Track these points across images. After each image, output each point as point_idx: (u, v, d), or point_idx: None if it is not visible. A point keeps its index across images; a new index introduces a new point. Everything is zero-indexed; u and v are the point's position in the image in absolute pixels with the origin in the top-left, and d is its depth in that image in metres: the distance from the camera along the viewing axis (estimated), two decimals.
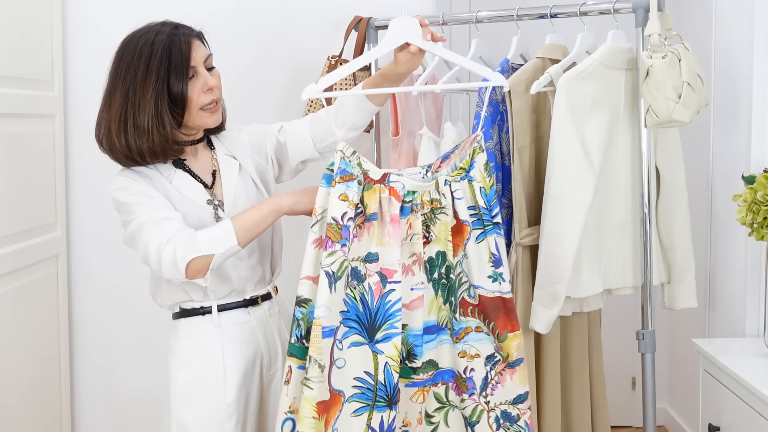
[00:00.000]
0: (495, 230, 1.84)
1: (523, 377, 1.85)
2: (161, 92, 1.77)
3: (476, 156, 1.83)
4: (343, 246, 1.73)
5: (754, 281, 2.39)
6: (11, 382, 2.54)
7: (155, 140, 1.79)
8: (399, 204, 1.77)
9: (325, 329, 1.72)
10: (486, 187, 1.83)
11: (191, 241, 1.73)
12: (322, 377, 1.72)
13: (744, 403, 2.02)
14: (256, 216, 1.78)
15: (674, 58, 2.08)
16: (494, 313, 1.82)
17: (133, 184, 1.81)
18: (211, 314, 1.89)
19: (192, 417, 1.86)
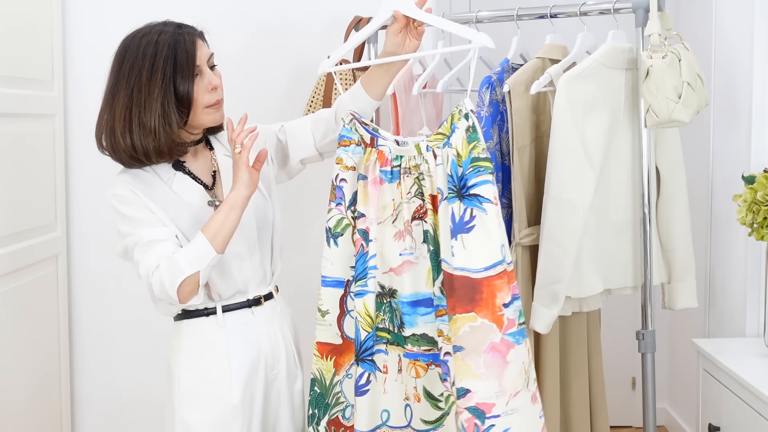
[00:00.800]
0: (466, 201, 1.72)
1: (463, 369, 1.70)
2: (168, 92, 1.77)
3: (456, 121, 1.76)
4: (338, 205, 1.89)
5: (754, 281, 2.39)
6: (11, 382, 2.54)
7: (161, 140, 1.79)
8: (379, 167, 1.83)
9: (326, 279, 1.91)
10: (463, 154, 1.74)
11: (173, 266, 1.75)
12: (322, 321, 1.92)
13: (744, 403, 2.02)
14: (221, 218, 1.78)
15: (674, 58, 2.08)
16: (448, 291, 1.74)
17: (130, 194, 1.82)
18: (215, 315, 1.89)
19: (197, 418, 1.85)
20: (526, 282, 2.28)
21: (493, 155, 2.25)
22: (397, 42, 1.89)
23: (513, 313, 1.73)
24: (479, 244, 1.72)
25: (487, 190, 1.72)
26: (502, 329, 1.70)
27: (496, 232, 1.72)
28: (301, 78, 2.92)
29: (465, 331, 1.70)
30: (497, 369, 1.70)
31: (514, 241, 2.27)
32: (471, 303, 1.70)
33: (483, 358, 1.69)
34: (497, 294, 1.70)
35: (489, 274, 1.70)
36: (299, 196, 2.77)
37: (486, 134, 2.24)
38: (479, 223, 1.71)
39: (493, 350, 1.69)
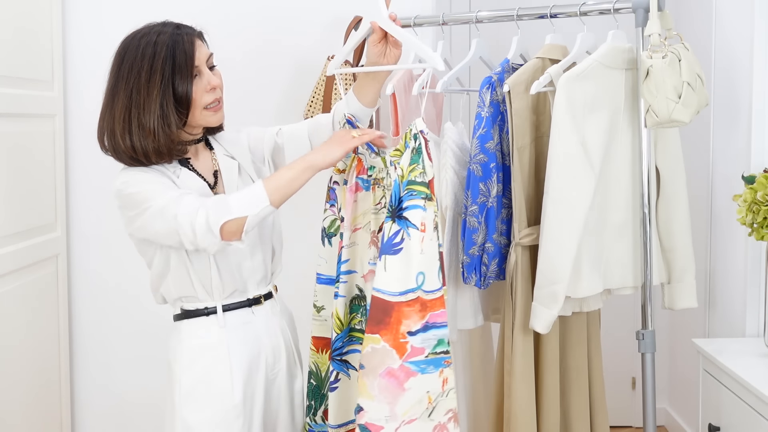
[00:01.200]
0: (399, 222, 1.70)
1: (361, 387, 1.71)
2: (166, 92, 1.77)
3: (408, 140, 1.76)
4: (332, 206, 1.95)
5: (754, 281, 2.39)
6: (11, 381, 2.54)
7: (161, 140, 1.78)
8: (356, 175, 1.88)
9: (320, 276, 1.98)
10: (404, 175, 1.73)
11: (222, 204, 1.72)
12: (318, 317, 2.00)
13: (744, 403, 2.02)
14: (289, 175, 1.77)
15: (674, 58, 2.08)
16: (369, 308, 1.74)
17: (141, 174, 1.81)
18: (216, 315, 1.89)
19: (198, 418, 1.85)
20: (525, 282, 2.28)
21: (494, 155, 2.25)
22: (377, 51, 1.92)
23: (422, 342, 1.72)
24: (398, 268, 1.71)
25: (415, 215, 1.71)
26: (402, 356, 1.70)
27: (416, 259, 1.70)
28: (301, 78, 2.92)
29: (367, 351, 1.71)
30: (390, 394, 1.70)
31: (514, 241, 2.27)
32: (378, 325, 1.71)
33: (378, 380, 1.70)
34: (404, 321, 1.70)
35: (400, 300, 1.70)
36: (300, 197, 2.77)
37: (486, 134, 2.24)
38: (405, 246, 1.71)
39: (389, 375, 1.70)
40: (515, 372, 2.27)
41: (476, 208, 2.24)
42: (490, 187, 2.24)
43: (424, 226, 1.71)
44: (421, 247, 1.71)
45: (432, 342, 1.73)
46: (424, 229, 1.71)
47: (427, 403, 1.73)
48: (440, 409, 1.76)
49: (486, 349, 2.62)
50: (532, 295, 2.23)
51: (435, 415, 1.75)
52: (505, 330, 2.31)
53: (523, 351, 2.27)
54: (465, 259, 2.26)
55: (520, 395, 2.26)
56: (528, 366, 2.28)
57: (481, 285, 2.29)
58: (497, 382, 2.39)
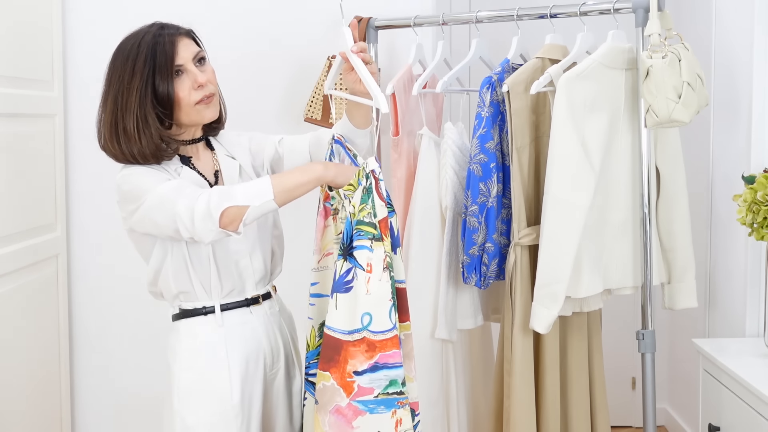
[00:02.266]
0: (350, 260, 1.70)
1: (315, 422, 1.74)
2: (145, 94, 1.77)
3: (361, 177, 1.74)
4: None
5: (754, 281, 2.39)
6: (11, 381, 2.54)
7: (143, 143, 1.78)
8: (323, 199, 1.87)
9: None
10: (355, 213, 1.72)
11: (226, 191, 1.72)
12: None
13: (744, 403, 2.02)
14: (298, 179, 1.75)
15: (674, 58, 2.08)
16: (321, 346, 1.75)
17: (141, 168, 1.81)
18: (214, 314, 1.89)
19: (197, 418, 1.86)
20: (525, 282, 2.28)
21: (494, 155, 2.25)
22: (352, 79, 1.91)
23: (370, 382, 1.70)
24: (347, 307, 1.71)
25: (362, 256, 1.70)
26: (349, 395, 1.70)
27: (361, 299, 1.70)
28: (301, 79, 2.92)
29: (320, 387, 1.72)
30: (340, 431, 1.71)
31: (514, 241, 2.27)
32: (328, 363, 1.71)
33: (328, 417, 1.71)
34: (350, 360, 1.70)
35: (347, 339, 1.70)
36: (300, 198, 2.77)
37: (486, 134, 2.24)
38: (355, 285, 1.71)
39: (338, 413, 1.71)
40: (515, 372, 2.27)
41: (476, 208, 2.24)
42: (490, 187, 2.24)
43: (371, 266, 1.69)
44: (367, 288, 1.69)
45: (383, 382, 1.71)
46: (371, 269, 1.70)
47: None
48: None
49: (486, 349, 2.62)
50: (532, 295, 2.23)
51: None
52: (505, 330, 2.31)
53: (523, 351, 2.27)
54: (465, 259, 2.26)
55: (520, 395, 2.26)
56: (528, 366, 2.28)
57: (481, 285, 2.29)
58: (497, 382, 2.39)
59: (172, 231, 1.75)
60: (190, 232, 1.72)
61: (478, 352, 2.59)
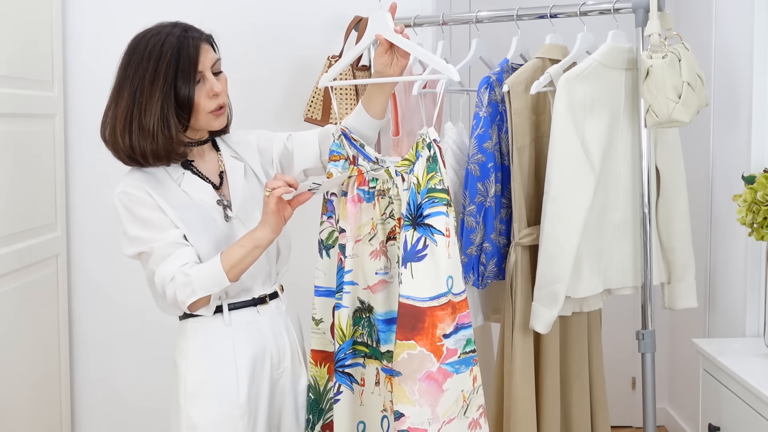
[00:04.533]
0: (420, 230, 1.75)
1: (399, 393, 1.74)
2: (168, 95, 1.78)
3: (420, 149, 1.79)
4: (329, 218, 1.94)
5: (754, 281, 2.39)
6: (11, 381, 2.55)
7: (159, 143, 1.80)
8: (357, 186, 1.88)
9: (319, 288, 1.97)
10: (422, 183, 1.77)
11: (188, 285, 1.79)
12: (317, 329, 1.98)
13: (744, 403, 2.02)
14: (242, 253, 1.81)
15: (674, 58, 2.08)
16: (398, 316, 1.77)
17: (142, 194, 1.83)
18: (222, 314, 1.90)
19: (203, 417, 1.86)
20: (525, 282, 2.28)
21: (492, 155, 2.25)
22: (384, 62, 1.92)
23: (455, 343, 1.76)
24: (426, 274, 1.75)
25: (439, 222, 1.75)
26: (439, 359, 1.75)
27: (444, 264, 1.75)
28: (301, 78, 2.92)
29: (403, 357, 1.74)
30: (431, 397, 1.74)
31: (514, 241, 2.27)
32: (412, 331, 1.74)
33: (418, 385, 1.74)
34: (438, 325, 1.74)
35: (432, 305, 1.74)
36: None
37: (484, 134, 2.24)
38: (430, 253, 1.75)
39: (429, 378, 1.74)
40: (515, 372, 2.27)
41: (474, 207, 2.24)
42: (488, 186, 2.24)
43: (449, 231, 1.76)
44: (448, 252, 1.75)
45: (462, 342, 1.78)
46: (449, 234, 1.76)
47: (462, 401, 1.79)
48: (473, 406, 1.82)
49: (486, 349, 2.62)
50: (532, 295, 2.23)
51: (469, 413, 1.81)
52: (505, 330, 2.31)
53: (523, 351, 2.27)
54: (463, 259, 2.26)
55: (520, 395, 2.26)
56: (528, 366, 2.28)
57: (479, 285, 2.29)
58: (497, 382, 2.39)
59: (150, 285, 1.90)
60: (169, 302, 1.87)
61: (478, 352, 2.58)
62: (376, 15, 1.90)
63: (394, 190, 1.84)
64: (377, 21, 1.89)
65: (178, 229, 1.84)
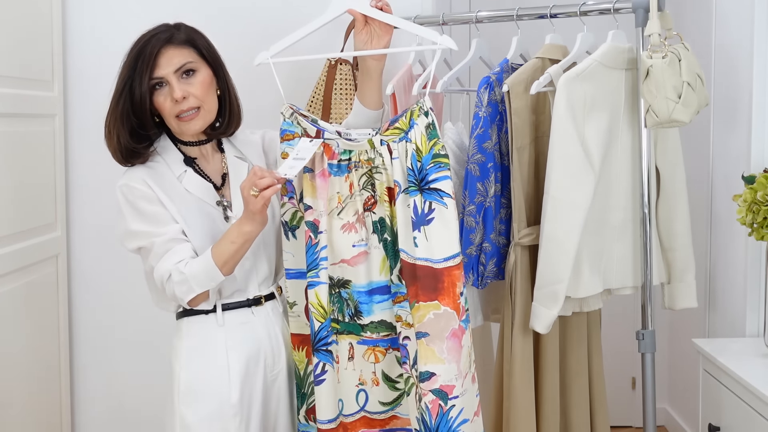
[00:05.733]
0: (426, 195, 1.81)
1: (427, 354, 1.80)
2: (121, 96, 1.83)
3: (416, 118, 1.82)
4: (290, 198, 1.94)
5: (754, 281, 2.39)
6: (11, 381, 2.54)
7: (121, 142, 1.85)
8: (327, 159, 1.88)
9: (289, 271, 1.96)
10: (423, 150, 1.81)
11: (184, 283, 1.81)
12: (292, 313, 1.98)
13: (744, 403, 2.02)
14: (232, 248, 1.81)
15: (674, 58, 2.08)
16: (409, 279, 1.82)
17: (144, 188, 1.85)
18: (215, 313, 1.90)
19: (196, 416, 1.86)
20: (525, 282, 2.28)
21: (492, 155, 2.25)
22: (363, 39, 1.92)
23: (465, 301, 1.86)
24: (440, 236, 1.81)
25: (447, 185, 1.82)
26: (460, 316, 1.83)
27: (453, 225, 1.82)
28: (301, 78, 2.92)
29: (429, 318, 1.80)
30: (456, 353, 1.82)
31: (513, 240, 2.26)
32: (434, 292, 1.80)
33: (446, 343, 1.81)
34: (457, 283, 1.82)
35: (449, 264, 1.81)
36: None
37: (484, 134, 2.24)
38: (438, 216, 1.81)
39: (454, 336, 1.82)
40: (515, 372, 2.27)
41: (474, 207, 2.24)
42: (488, 186, 2.24)
43: (453, 194, 1.84)
44: (456, 214, 1.84)
45: (464, 299, 1.86)
46: (453, 197, 1.84)
47: (469, 357, 1.87)
48: (472, 360, 1.90)
49: (486, 349, 2.62)
50: (532, 295, 2.23)
51: (472, 367, 1.89)
52: (505, 330, 2.31)
53: (523, 351, 2.27)
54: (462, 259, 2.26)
55: (520, 395, 2.26)
56: (528, 366, 2.28)
57: (478, 285, 2.29)
58: (497, 382, 2.39)
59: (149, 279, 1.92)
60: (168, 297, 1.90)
61: (478, 352, 2.58)
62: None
63: (379, 159, 1.85)
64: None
65: (177, 224, 1.85)
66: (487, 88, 2.25)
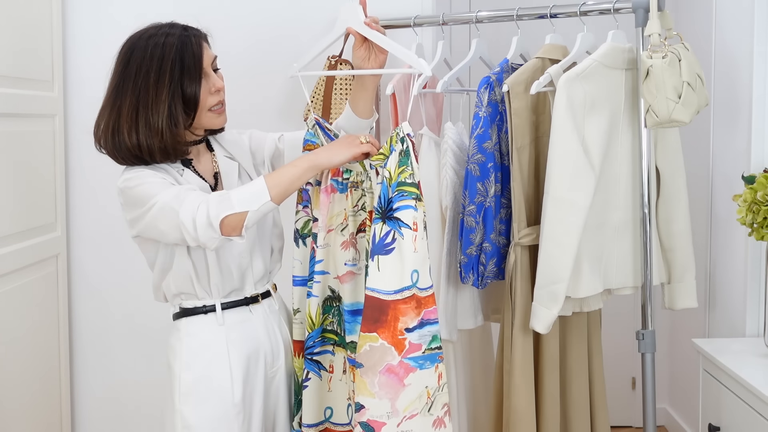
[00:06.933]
0: (389, 223, 1.74)
1: (360, 385, 1.75)
2: (175, 93, 1.79)
3: (394, 143, 1.78)
4: (305, 207, 1.96)
5: (754, 281, 2.39)
6: (11, 382, 2.55)
7: (167, 140, 1.80)
8: (330, 177, 1.89)
9: (296, 278, 1.99)
10: (393, 177, 1.76)
11: (224, 199, 1.72)
12: (296, 320, 1.99)
13: (744, 403, 2.02)
14: (292, 172, 1.76)
15: (674, 58, 2.08)
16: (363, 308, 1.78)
17: (143, 170, 1.82)
18: (215, 313, 1.90)
19: (198, 417, 1.86)
20: (525, 282, 2.28)
21: (492, 155, 2.25)
22: (361, 56, 1.93)
23: (419, 338, 1.76)
24: (392, 267, 1.75)
25: (407, 215, 1.74)
26: (401, 353, 1.74)
27: (409, 257, 1.74)
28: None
29: (365, 349, 1.75)
30: (391, 390, 1.74)
31: (513, 241, 2.27)
32: (375, 324, 1.74)
33: (378, 377, 1.74)
34: (401, 318, 1.74)
35: (396, 298, 1.74)
36: None
37: (484, 134, 2.24)
38: (397, 246, 1.75)
39: (390, 372, 1.74)
40: (515, 372, 2.27)
41: (474, 207, 2.24)
42: (488, 186, 2.25)
43: (416, 225, 1.75)
44: (414, 246, 1.75)
45: (427, 338, 1.77)
46: (416, 228, 1.75)
47: (426, 398, 1.78)
48: (438, 404, 1.81)
49: (486, 349, 2.62)
50: (532, 295, 2.23)
51: (433, 410, 1.80)
52: (505, 330, 2.31)
53: (523, 351, 2.27)
54: (462, 259, 2.26)
55: (520, 395, 2.26)
56: (528, 366, 2.28)
57: (478, 285, 2.29)
58: (497, 382, 2.39)
59: (177, 239, 1.77)
60: (195, 240, 1.74)
61: (478, 352, 2.59)
62: (347, 6, 1.86)
63: (368, 182, 1.87)
64: (348, 13, 1.86)
65: None
66: (487, 88, 2.25)
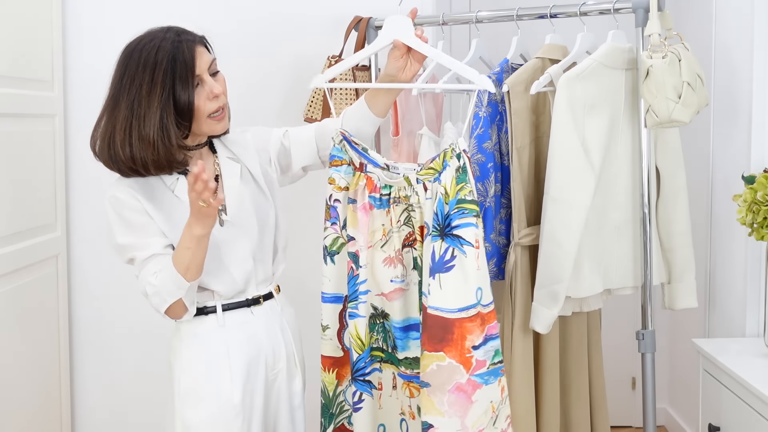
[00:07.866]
0: (448, 240, 1.73)
1: (428, 405, 1.74)
2: (167, 104, 1.76)
3: (449, 159, 1.76)
4: (333, 224, 1.94)
5: (754, 281, 2.39)
6: (11, 382, 2.55)
7: (160, 153, 1.77)
8: (368, 194, 1.87)
9: (325, 295, 1.96)
10: (451, 193, 1.74)
11: (157, 295, 1.80)
12: (324, 336, 1.98)
13: (744, 403, 2.02)
14: (189, 254, 1.77)
15: (674, 58, 2.08)
16: (423, 325, 1.77)
17: (131, 200, 1.82)
18: (215, 314, 1.89)
19: (198, 418, 1.86)
20: (525, 282, 2.28)
21: (492, 155, 2.25)
22: (399, 66, 1.92)
23: (484, 354, 1.75)
24: (455, 285, 1.73)
25: (469, 233, 1.73)
26: (469, 371, 1.74)
27: (473, 275, 1.73)
28: (301, 78, 2.92)
29: (432, 369, 1.73)
30: (460, 408, 1.73)
31: (513, 241, 2.27)
32: (440, 342, 1.73)
33: (447, 396, 1.73)
34: (467, 336, 1.73)
35: (461, 316, 1.72)
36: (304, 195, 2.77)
37: (484, 134, 2.24)
38: (458, 264, 1.73)
39: (458, 390, 1.73)
40: (515, 372, 2.27)
41: None
42: (488, 186, 2.24)
43: (478, 243, 1.74)
44: (477, 264, 1.74)
45: (491, 353, 1.77)
46: (478, 245, 1.74)
47: (491, 412, 1.77)
48: (502, 417, 1.80)
49: None
50: (532, 295, 2.23)
51: (498, 423, 1.79)
52: (505, 330, 2.31)
53: (523, 351, 2.27)
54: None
55: (519, 395, 2.26)
56: (528, 366, 2.28)
57: None
58: None
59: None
60: None
61: None
62: (395, 19, 1.88)
63: (415, 198, 1.83)
64: (396, 25, 1.88)
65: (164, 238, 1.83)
66: None
